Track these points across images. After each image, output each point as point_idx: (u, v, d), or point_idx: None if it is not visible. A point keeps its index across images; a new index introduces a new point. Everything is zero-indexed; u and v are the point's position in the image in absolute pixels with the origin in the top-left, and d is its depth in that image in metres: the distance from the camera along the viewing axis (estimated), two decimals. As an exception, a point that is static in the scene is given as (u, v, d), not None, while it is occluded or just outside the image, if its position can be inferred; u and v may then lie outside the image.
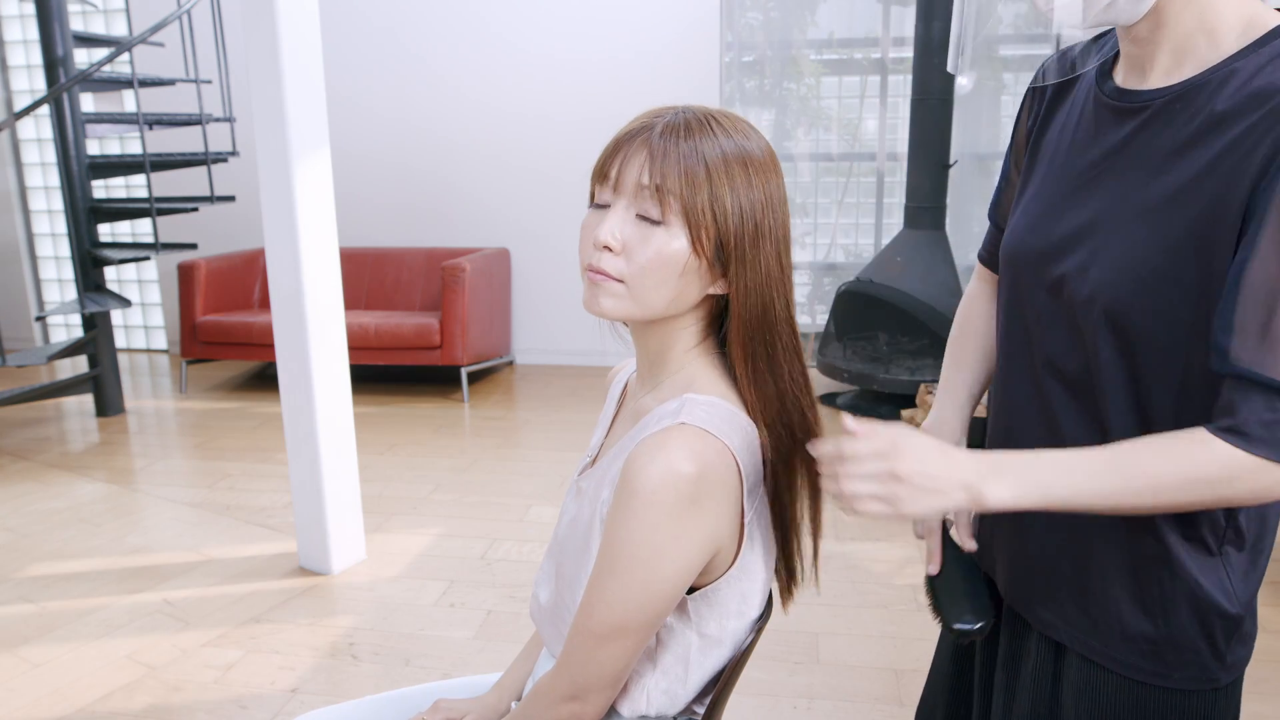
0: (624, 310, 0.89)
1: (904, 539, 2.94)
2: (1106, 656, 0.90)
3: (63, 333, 6.18)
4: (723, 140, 0.86)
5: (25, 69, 5.81)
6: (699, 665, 0.95)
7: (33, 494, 3.46)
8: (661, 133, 0.86)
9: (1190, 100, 0.79)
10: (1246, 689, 0.96)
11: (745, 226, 0.86)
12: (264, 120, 2.53)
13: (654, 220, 0.86)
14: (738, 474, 0.87)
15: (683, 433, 0.84)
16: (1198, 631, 0.87)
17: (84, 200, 4.29)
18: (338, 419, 2.73)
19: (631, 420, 0.97)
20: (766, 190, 0.88)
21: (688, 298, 0.89)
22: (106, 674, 2.23)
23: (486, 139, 5.29)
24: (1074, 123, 0.91)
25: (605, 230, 0.86)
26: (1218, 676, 0.89)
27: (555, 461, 3.78)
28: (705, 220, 0.85)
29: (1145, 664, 0.89)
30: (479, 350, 4.83)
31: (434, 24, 5.22)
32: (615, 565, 0.84)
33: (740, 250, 0.86)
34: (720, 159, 0.85)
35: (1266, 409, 0.73)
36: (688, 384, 0.92)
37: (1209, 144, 0.77)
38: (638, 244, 0.86)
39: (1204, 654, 0.87)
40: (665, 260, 0.86)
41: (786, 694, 2.11)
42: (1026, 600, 0.97)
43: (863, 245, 5.22)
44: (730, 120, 0.89)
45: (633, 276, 0.87)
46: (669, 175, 0.84)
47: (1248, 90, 0.76)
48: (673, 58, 4.98)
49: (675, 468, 0.82)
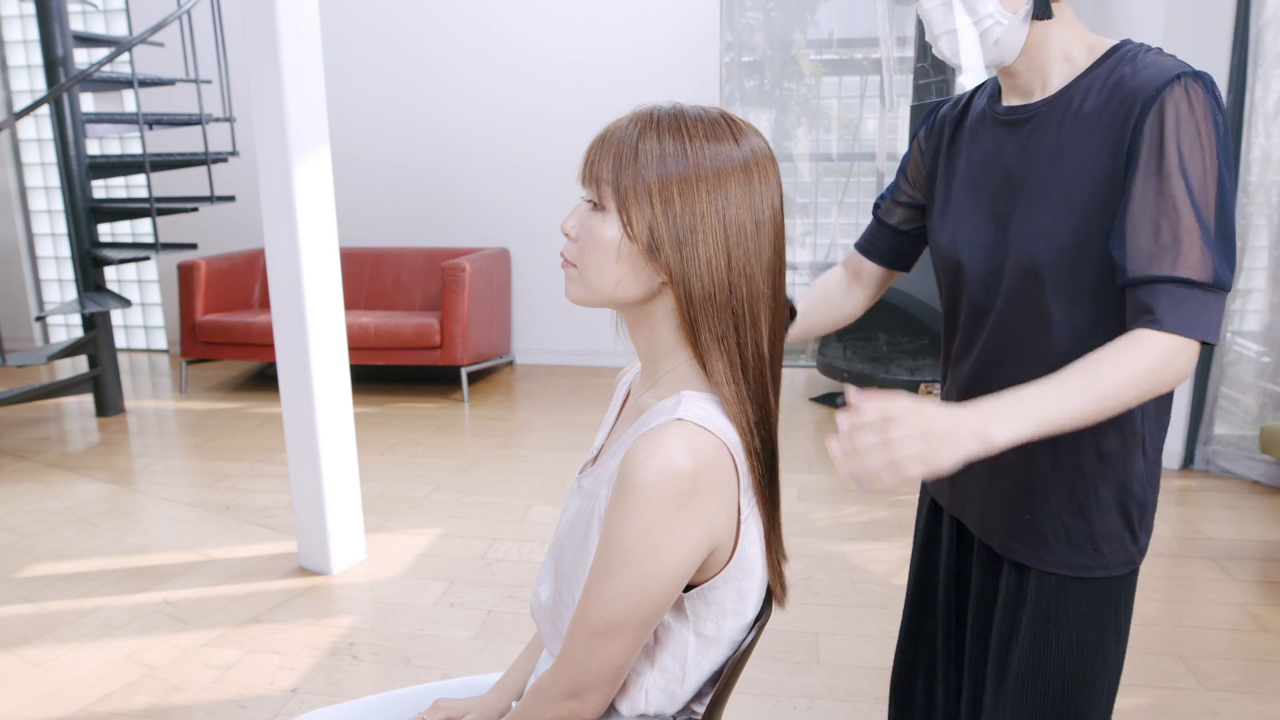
0: (577, 294, 0.93)
1: (904, 539, 2.94)
2: (1057, 562, 1.12)
3: (63, 333, 6.18)
4: (668, 136, 0.87)
5: (25, 69, 5.81)
6: (696, 665, 0.95)
7: (33, 494, 3.46)
8: (616, 126, 0.90)
9: (1065, 104, 1.06)
10: (1246, 688, 0.97)
11: (675, 214, 0.86)
12: (264, 120, 2.53)
13: (596, 206, 0.90)
14: (734, 470, 0.87)
15: (680, 428, 0.84)
16: (1122, 522, 1.10)
17: (84, 200, 4.29)
18: (338, 419, 2.73)
19: (632, 418, 0.97)
20: (719, 182, 0.87)
21: (636, 283, 0.90)
22: (106, 674, 2.23)
23: (487, 139, 5.29)
24: (976, 144, 1.17)
25: (566, 220, 0.93)
26: (1135, 558, 1.12)
27: (555, 461, 3.78)
28: (630, 205, 0.87)
29: (1088, 560, 1.11)
30: (479, 350, 4.83)
31: (434, 24, 5.22)
32: (612, 561, 0.84)
33: (674, 236, 0.87)
34: (658, 151, 0.87)
35: (1169, 297, 0.94)
36: (685, 380, 0.92)
37: (1089, 133, 1.03)
38: (584, 229, 0.91)
39: (1125, 540, 1.11)
40: (599, 243, 0.89)
41: (786, 694, 2.11)
42: (991, 532, 1.19)
43: (863, 245, 5.21)
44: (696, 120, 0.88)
45: (579, 259, 0.92)
46: (604, 164, 0.88)
47: (1105, 90, 1.03)
48: (673, 58, 4.99)
49: (672, 464, 0.82)
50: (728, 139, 0.89)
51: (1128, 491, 1.09)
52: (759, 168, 0.90)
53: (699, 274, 0.87)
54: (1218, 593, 2.57)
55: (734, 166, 0.88)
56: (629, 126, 0.89)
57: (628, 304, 0.93)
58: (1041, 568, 1.13)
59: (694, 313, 0.89)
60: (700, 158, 0.87)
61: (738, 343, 0.90)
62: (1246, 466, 3.40)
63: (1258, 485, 3.36)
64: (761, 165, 0.90)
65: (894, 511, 3.19)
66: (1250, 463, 3.39)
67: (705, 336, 0.89)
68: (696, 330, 0.89)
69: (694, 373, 0.92)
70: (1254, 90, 3.24)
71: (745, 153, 0.89)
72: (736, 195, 0.88)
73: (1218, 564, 2.74)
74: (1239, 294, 3.43)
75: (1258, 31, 3.19)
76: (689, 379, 0.92)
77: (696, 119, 0.89)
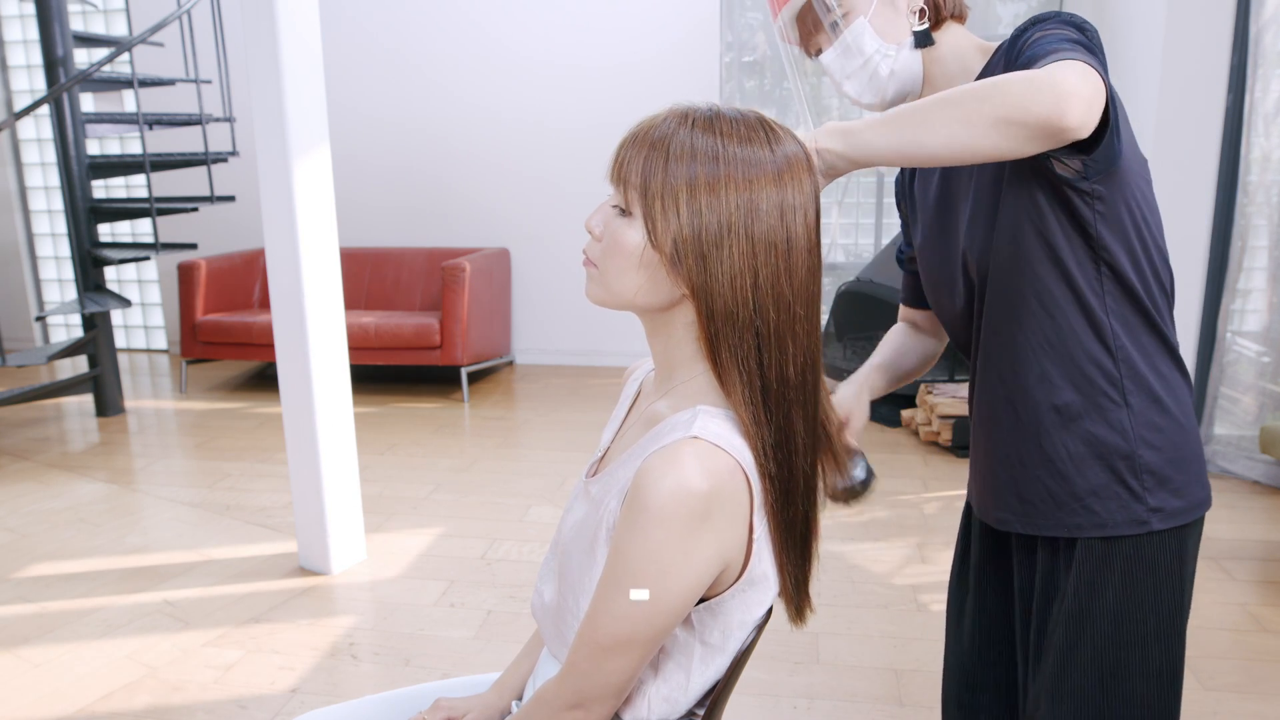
0: (596, 294, 0.92)
1: (904, 539, 2.94)
2: (1051, 525, 1.11)
3: (63, 333, 6.18)
4: (701, 139, 0.85)
5: (25, 69, 5.81)
6: (700, 673, 0.94)
7: (33, 494, 3.46)
8: (651, 123, 0.88)
9: None
10: (1246, 688, 0.96)
11: (701, 226, 0.84)
12: (264, 120, 2.53)
13: (623, 211, 0.89)
14: (748, 490, 0.85)
15: (695, 447, 0.82)
16: (1110, 477, 1.08)
17: (84, 200, 4.29)
18: (338, 419, 2.73)
19: (644, 424, 0.95)
20: (750, 193, 0.84)
21: (656, 292, 0.88)
22: (106, 674, 2.23)
23: (487, 139, 5.29)
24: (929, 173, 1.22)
25: (591, 217, 0.91)
26: (1146, 519, 1.07)
27: (555, 461, 3.78)
28: (656, 214, 0.85)
29: (1081, 520, 1.09)
30: (479, 350, 4.83)
31: (434, 25, 5.22)
32: (622, 580, 0.83)
33: (698, 249, 0.84)
34: (689, 157, 0.84)
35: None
36: (701, 393, 0.90)
37: None
38: (608, 231, 0.90)
39: (1123, 497, 1.08)
40: (622, 248, 0.88)
41: (786, 694, 2.11)
42: (987, 508, 1.21)
43: (863, 245, 5.22)
44: (732, 123, 0.86)
45: (600, 261, 0.90)
46: (633, 169, 0.86)
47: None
48: (673, 58, 4.98)
49: (687, 485, 0.80)
50: (763, 144, 0.86)
51: (1102, 444, 1.08)
52: (792, 176, 0.86)
53: (721, 290, 0.84)
54: (1218, 593, 2.56)
55: (766, 175, 0.84)
56: (663, 125, 0.86)
57: (647, 310, 0.91)
58: (1038, 533, 1.13)
59: (714, 329, 0.86)
60: (732, 164, 0.84)
61: (759, 363, 0.86)
62: (1246, 466, 3.40)
63: (1258, 485, 3.36)
64: (795, 173, 0.86)
65: (894, 512, 3.19)
66: (1250, 463, 3.39)
67: (725, 355, 0.86)
68: (716, 348, 0.86)
69: (711, 387, 0.90)
70: (1254, 90, 3.24)
71: (779, 161, 0.85)
72: (767, 208, 0.84)
73: (1218, 564, 2.74)
74: (1239, 294, 3.43)
75: (1258, 31, 3.19)
76: (705, 393, 0.90)
77: (732, 121, 0.86)
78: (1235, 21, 3.24)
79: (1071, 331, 1.07)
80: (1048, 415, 1.10)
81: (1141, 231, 1.05)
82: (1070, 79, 0.85)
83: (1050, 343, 1.08)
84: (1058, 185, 1.02)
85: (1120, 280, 1.05)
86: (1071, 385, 1.09)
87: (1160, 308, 1.08)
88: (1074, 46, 0.93)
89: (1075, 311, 1.06)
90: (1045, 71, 0.86)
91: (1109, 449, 1.08)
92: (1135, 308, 1.06)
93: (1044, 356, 1.08)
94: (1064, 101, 0.84)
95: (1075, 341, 1.07)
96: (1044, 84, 0.85)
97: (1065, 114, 0.84)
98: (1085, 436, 1.09)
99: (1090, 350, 1.07)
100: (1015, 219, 1.05)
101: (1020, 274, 1.07)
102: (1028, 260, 1.06)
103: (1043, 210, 1.04)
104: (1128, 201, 1.04)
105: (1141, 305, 1.06)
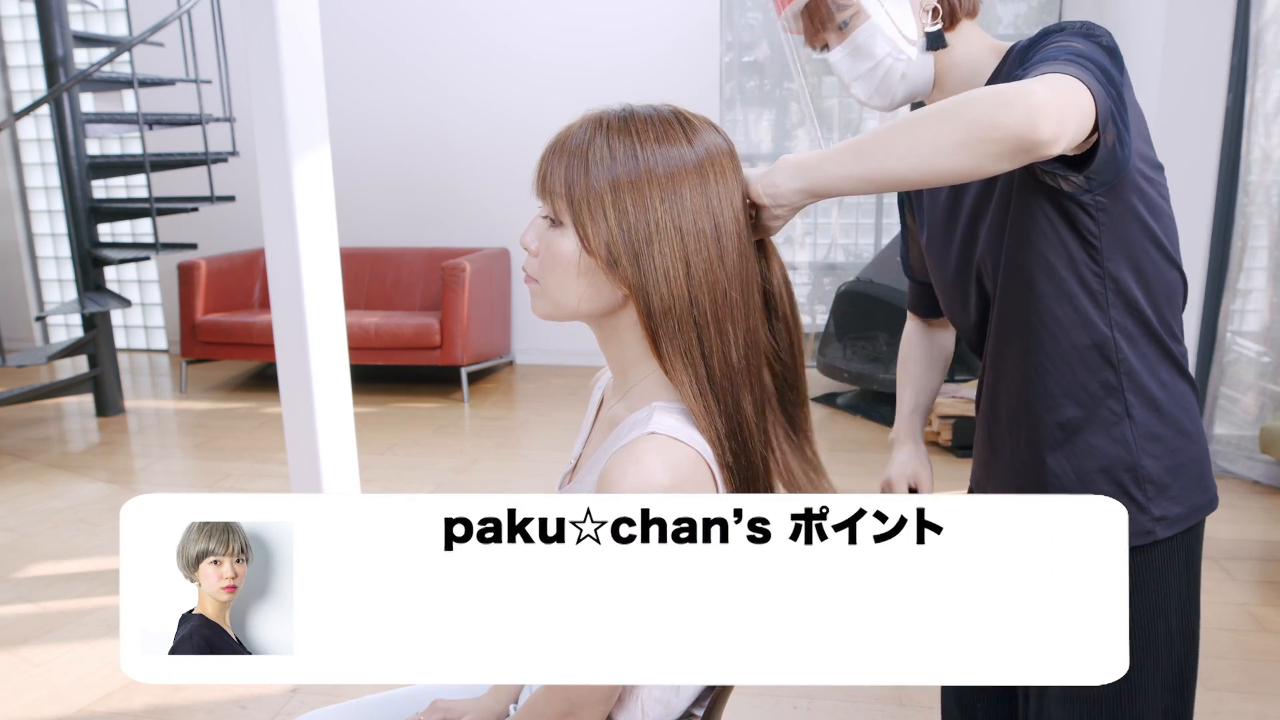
0: (543, 309, 0.92)
1: (904, 539, 2.94)
2: None
3: (63, 333, 6.17)
4: (618, 141, 0.85)
5: (25, 69, 5.81)
6: None
7: (33, 494, 3.46)
8: (568, 133, 0.88)
9: None
10: (1247, 688, 0.96)
11: (630, 226, 0.85)
12: (264, 120, 2.53)
13: (554, 221, 0.89)
14: (712, 480, 0.86)
15: (653, 442, 0.83)
16: (1115, 490, 1.06)
17: (84, 200, 4.29)
18: (338, 419, 2.72)
19: (605, 429, 0.96)
20: (673, 187, 0.85)
21: (600, 297, 0.89)
22: (107, 674, 2.23)
23: (487, 139, 5.29)
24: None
25: (525, 233, 0.91)
26: (1151, 529, 1.06)
27: (555, 461, 3.78)
28: (585, 220, 0.85)
29: None
30: (479, 350, 4.83)
31: (434, 25, 5.22)
32: None
33: (631, 249, 0.85)
34: (608, 160, 0.85)
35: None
36: (654, 391, 0.91)
37: None
38: (543, 245, 0.90)
39: (1129, 510, 1.04)
40: (559, 259, 0.88)
41: (786, 694, 2.11)
42: None
43: (863, 245, 5.22)
44: (647, 121, 0.87)
45: (541, 275, 0.91)
46: (556, 179, 0.87)
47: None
48: (673, 58, 4.98)
49: (650, 479, 0.81)
50: (680, 139, 0.87)
51: (1107, 457, 1.07)
52: (714, 167, 0.87)
53: (658, 286, 0.86)
54: (1218, 593, 2.56)
55: (687, 169, 0.86)
56: (580, 132, 0.87)
57: (593, 317, 0.92)
58: None
59: (655, 325, 0.87)
60: (652, 162, 0.85)
61: (702, 355, 0.87)
62: (1246, 466, 3.40)
63: (1258, 485, 3.36)
64: (717, 164, 0.87)
65: (894, 511, 3.19)
66: (1250, 463, 3.39)
67: (668, 349, 0.87)
68: (660, 343, 0.87)
69: (663, 384, 0.91)
70: (1254, 90, 3.23)
71: (699, 153, 0.87)
72: (692, 200, 0.86)
73: (1218, 564, 2.74)
74: (1239, 294, 3.43)
75: (1258, 31, 3.19)
76: (658, 390, 0.91)
77: (647, 120, 0.87)
78: (1235, 21, 3.24)
79: (1074, 347, 1.06)
80: (1052, 432, 1.10)
81: (1150, 244, 1.03)
82: (1041, 93, 0.83)
83: (1053, 359, 1.07)
84: (1059, 198, 1.00)
85: (1124, 294, 1.03)
86: (1074, 400, 1.09)
87: (1167, 319, 1.07)
88: (1074, 59, 0.91)
89: (1078, 326, 1.05)
90: (1016, 85, 0.84)
91: (1114, 462, 1.08)
92: (1139, 320, 1.05)
93: (1047, 373, 1.08)
94: (1034, 115, 0.82)
95: (1078, 357, 1.06)
96: (1013, 98, 0.83)
97: (1036, 128, 0.82)
98: (1090, 451, 1.09)
99: (1093, 365, 1.06)
100: (1024, 230, 1.04)
101: (1026, 286, 1.07)
102: (1032, 273, 1.06)
103: (1047, 222, 1.02)
104: (1136, 213, 1.01)
105: (1145, 318, 1.05)
